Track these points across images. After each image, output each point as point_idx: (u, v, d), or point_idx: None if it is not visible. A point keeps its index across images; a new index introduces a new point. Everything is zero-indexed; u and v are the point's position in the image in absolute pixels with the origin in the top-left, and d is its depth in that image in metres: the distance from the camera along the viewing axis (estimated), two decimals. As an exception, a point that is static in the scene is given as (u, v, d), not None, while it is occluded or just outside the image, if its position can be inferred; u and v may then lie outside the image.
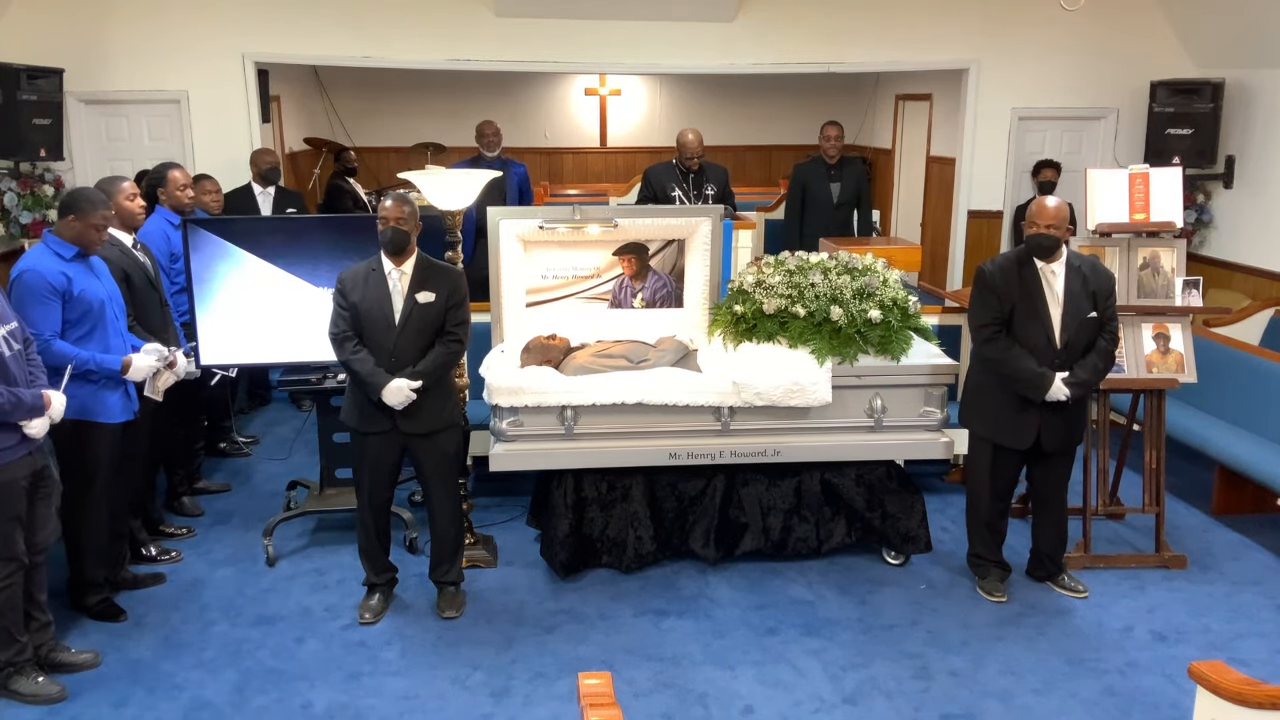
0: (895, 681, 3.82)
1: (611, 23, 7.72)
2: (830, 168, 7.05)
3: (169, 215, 5.13)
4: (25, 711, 3.56)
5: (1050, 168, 7.68)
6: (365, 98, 10.97)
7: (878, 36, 7.95)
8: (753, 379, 4.33)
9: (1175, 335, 4.74)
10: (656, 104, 12.05)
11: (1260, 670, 3.85)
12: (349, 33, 7.51)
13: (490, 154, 7.18)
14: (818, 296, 4.44)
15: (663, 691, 3.74)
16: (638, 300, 4.97)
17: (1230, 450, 5.14)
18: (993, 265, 4.24)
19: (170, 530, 4.97)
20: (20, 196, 6.81)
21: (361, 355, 3.98)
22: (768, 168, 12.11)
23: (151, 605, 4.30)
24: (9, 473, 3.43)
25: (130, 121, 7.51)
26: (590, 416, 4.38)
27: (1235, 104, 7.39)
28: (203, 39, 7.34)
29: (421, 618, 4.24)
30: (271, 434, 6.42)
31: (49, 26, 7.09)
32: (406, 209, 3.96)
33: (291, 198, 6.92)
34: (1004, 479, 4.39)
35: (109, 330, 3.97)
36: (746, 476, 4.63)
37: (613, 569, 4.61)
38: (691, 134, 6.34)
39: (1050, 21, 7.79)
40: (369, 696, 3.70)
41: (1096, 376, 4.22)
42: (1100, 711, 3.65)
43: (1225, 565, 4.76)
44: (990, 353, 4.18)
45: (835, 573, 4.64)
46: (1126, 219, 4.77)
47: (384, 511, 4.25)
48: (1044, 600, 4.43)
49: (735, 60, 7.92)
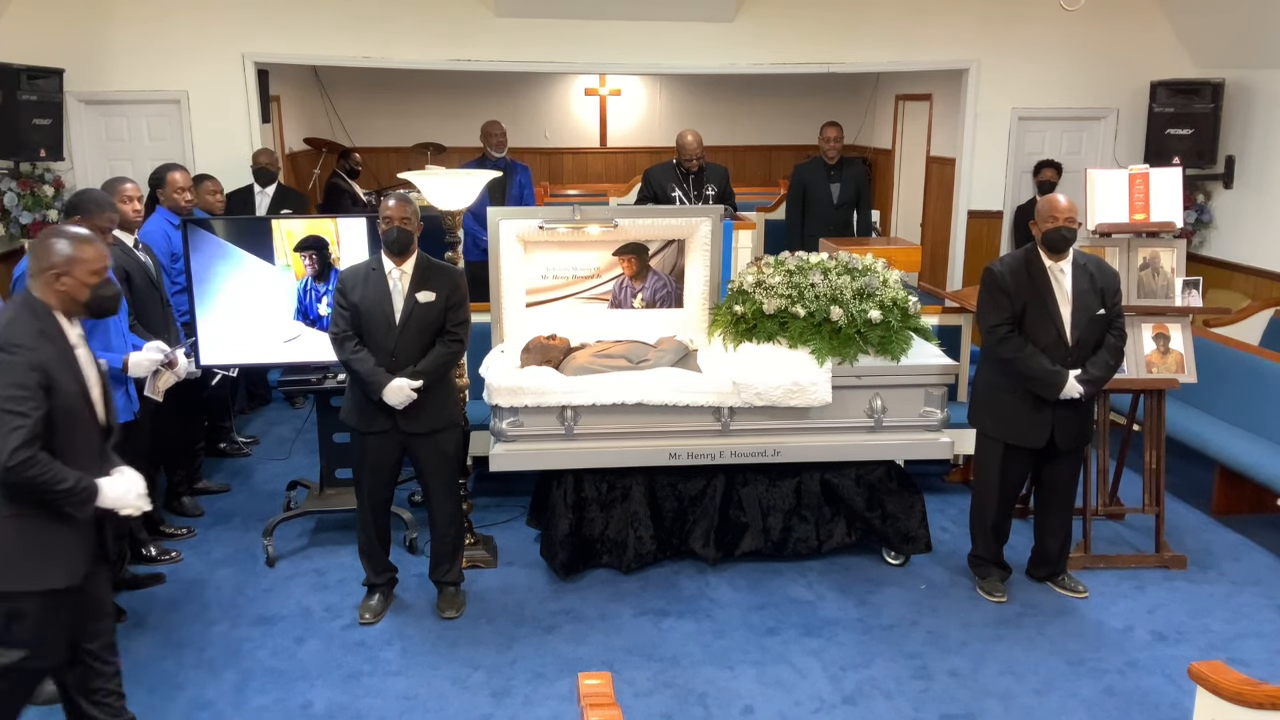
0: (895, 681, 3.82)
1: (611, 23, 7.72)
2: (830, 168, 7.05)
3: (170, 215, 5.14)
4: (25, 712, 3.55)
5: (1051, 168, 7.68)
6: (365, 98, 10.96)
7: (878, 36, 7.95)
8: (753, 379, 4.33)
9: (1175, 335, 4.75)
10: (656, 104, 12.05)
11: (1260, 670, 3.85)
12: (349, 33, 7.51)
13: (497, 154, 7.18)
14: (818, 297, 4.44)
15: (663, 691, 3.74)
16: (638, 300, 4.97)
17: (1230, 450, 5.14)
18: (1001, 265, 4.25)
19: (170, 530, 4.97)
20: (20, 196, 6.80)
21: (362, 355, 3.98)
22: (768, 168, 12.10)
23: (151, 605, 4.31)
24: None
25: (130, 121, 7.50)
26: (590, 416, 4.38)
27: (1235, 104, 7.39)
28: (203, 39, 7.34)
29: (421, 618, 4.25)
30: (271, 434, 6.42)
31: (49, 26, 7.08)
32: (410, 209, 3.96)
33: (293, 197, 6.92)
34: (1014, 479, 4.39)
35: (110, 330, 3.97)
36: (746, 476, 4.63)
37: (613, 569, 4.61)
38: (691, 135, 6.33)
39: (1050, 22, 7.79)
40: (369, 696, 3.70)
41: (1108, 373, 4.22)
42: (1100, 711, 3.65)
43: (1225, 565, 4.76)
44: (1004, 352, 4.18)
45: (835, 573, 4.64)
46: (1126, 219, 4.77)
47: (384, 511, 4.25)
48: (1044, 600, 4.43)
49: (735, 60, 7.92)
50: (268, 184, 6.80)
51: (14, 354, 2.72)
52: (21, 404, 2.70)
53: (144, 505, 3.01)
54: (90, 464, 2.90)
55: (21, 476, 2.70)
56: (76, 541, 2.90)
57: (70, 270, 2.85)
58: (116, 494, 2.92)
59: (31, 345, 2.76)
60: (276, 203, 6.75)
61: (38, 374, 2.74)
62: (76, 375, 2.87)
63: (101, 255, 2.93)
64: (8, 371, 2.71)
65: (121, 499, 2.93)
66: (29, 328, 2.78)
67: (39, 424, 2.73)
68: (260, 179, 6.78)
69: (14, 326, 2.78)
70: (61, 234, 2.90)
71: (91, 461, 2.91)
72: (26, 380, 2.72)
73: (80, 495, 2.81)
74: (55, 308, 2.87)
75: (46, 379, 2.75)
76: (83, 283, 2.87)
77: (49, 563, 2.83)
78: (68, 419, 2.82)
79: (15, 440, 2.67)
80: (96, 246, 2.93)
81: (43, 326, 2.82)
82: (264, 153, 6.92)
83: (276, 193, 6.82)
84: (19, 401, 2.70)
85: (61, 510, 2.82)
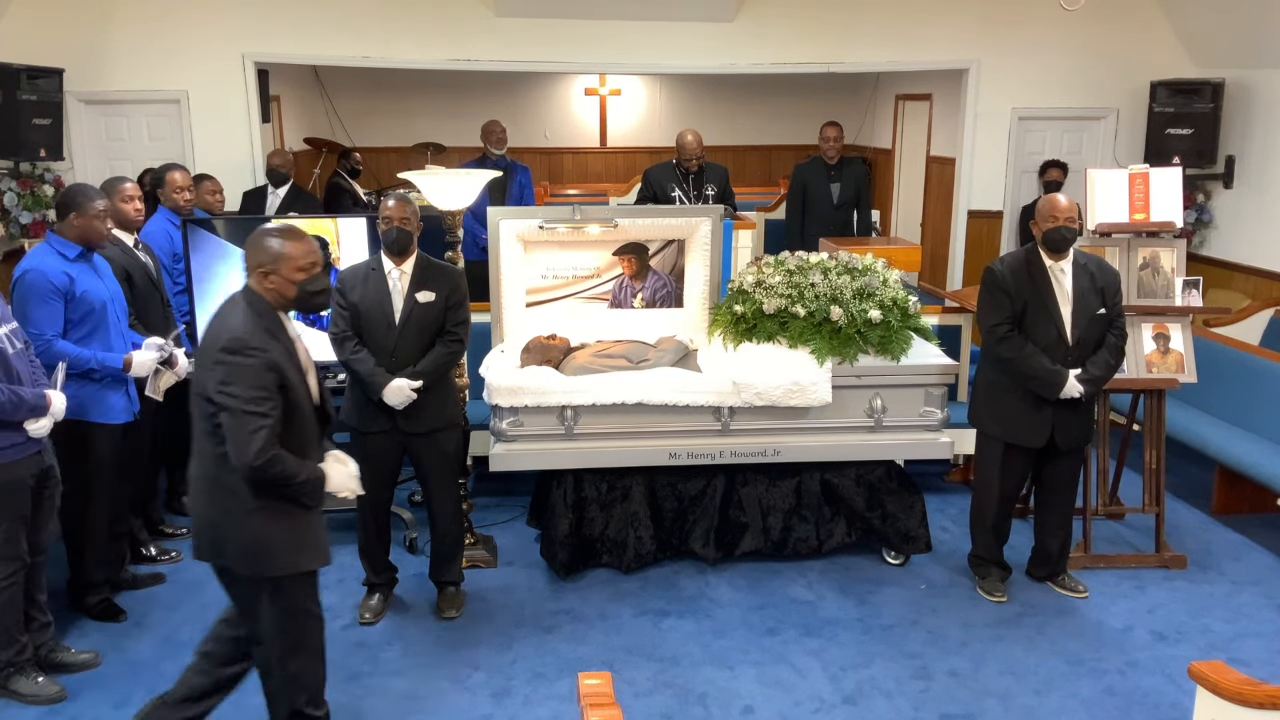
0: (895, 681, 3.82)
1: (611, 23, 7.71)
2: (830, 168, 7.05)
3: (171, 215, 5.14)
4: (25, 711, 3.56)
5: (1057, 168, 7.66)
6: (365, 98, 10.96)
7: (878, 36, 7.94)
8: (753, 379, 4.33)
9: (1175, 335, 4.75)
10: (656, 104, 12.04)
11: (1260, 670, 3.85)
12: (349, 33, 7.51)
13: (496, 151, 7.18)
14: (818, 296, 4.44)
15: (663, 691, 3.74)
16: (638, 300, 4.97)
17: (1230, 450, 5.14)
18: (1002, 265, 4.25)
19: (170, 530, 4.97)
20: (20, 196, 6.80)
21: (362, 355, 3.98)
22: (768, 168, 12.10)
23: (151, 605, 4.31)
24: (16, 471, 3.44)
25: (130, 121, 7.50)
26: (590, 416, 4.38)
27: (1235, 104, 7.39)
28: (203, 39, 7.34)
29: (421, 618, 4.25)
30: (271, 434, 6.41)
31: (49, 26, 7.08)
32: (409, 209, 3.96)
33: (304, 200, 6.93)
34: (1014, 478, 4.39)
35: (111, 331, 3.96)
36: (746, 476, 4.63)
37: (613, 569, 4.61)
38: (691, 135, 6.33)
39: (1050, 21, 7.78)
40: (369, 696, 3.70)
41: (1109, 373, 4.23)
42: (1100, 711, 3.65)
43: (1225, 565, 4.76)
44: (1005, 352, 4.18)
45: (835, 573, 4.64)
46: (1126, 219, 4.77)
47: (384, 511, 4.25)
48: (1044, 600, 4.43)
49: (735, 60, 7.92)
50: (280, 185, 6.82)
51: (252, 356, 2.81)
52: (262, 405, 2.80)
53: (359, 489, 3.12)
54: (312, 453, 3.02)
55: (266, 475, 2.82)
56: (319, 526, 3.07)
57: (277, 268, 2.92)
58: (338, 479, 3.05)
59: (264, 346, 2.85)
60: (288, 204, 6.77)
61: (273, 374, 2.84)
62: (298, 369, 2.97)
63: (308, 252, 2.97)
64: (247, 375, 2.80)
65: (342, 483, 3.06)
66: (258, 327, 2.87)
67: (278, 423, 2.84)
68: (273, 180, 6.80)
69: (245, 328, 2.86)
70: (271, 231, 2.98)
71: (313, 451, 3.03)
72: (265, 381, 2.82)
73: (313, 485, 2.95)
74: (272, 304, 2.95)
75: (280, 378, 2.87)
76: (289, 280, 2.94)
77: (301, 548, 2.99)
78: (295, 413, 2.93)
79: (259, 441, 2.77)
80: (304, 244, 2.98)
81: (267, 324, 2.91)
82: (276, 154, 6.94)
83: (288, 194, 6.83)
84: (259, 403, 2.80)
85: (298, 500, 2.94)
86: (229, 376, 2.79)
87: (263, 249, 2.93)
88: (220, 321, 2.91)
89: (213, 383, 2.82)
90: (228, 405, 2.79)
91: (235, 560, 2.97)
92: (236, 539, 2.93)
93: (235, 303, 2.96)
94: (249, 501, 2.88)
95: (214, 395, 2.82)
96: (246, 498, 2.88)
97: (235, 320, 2.88)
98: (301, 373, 2.98)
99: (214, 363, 2.82)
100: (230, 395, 2.79)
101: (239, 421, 2.78)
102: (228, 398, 2.79)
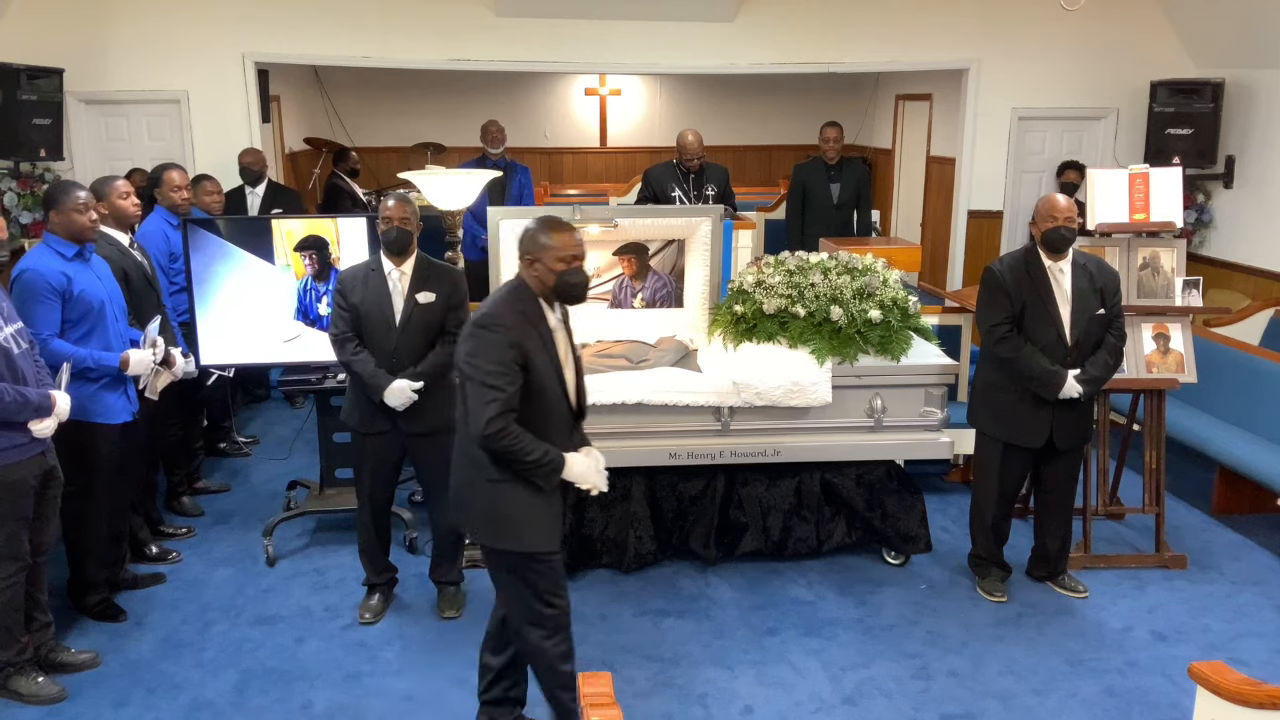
0: (895, 681, 3.82)
1: (611, 23, 7.72)
2: (830, 168, 7.04)
3: (168, 215, 5.13)
4: (25, 711, 3.56)
5: (1074, 169, 7.62)
6: (365, 98, 10.96)
7: (878, 36, 7.95)
8: (753, 379, 4.33)
9: (1175, 335, 4.75)
10: (656, 104, 12.04)
11: (1260, 670, 3.85)
12: (349, 33, 7.51)
13: (494, 150, 7.18)
14: (818, 296, 4.44)
15: (663, 691, 3.74)
16: (638, 300, 4.97)
17: (1230, 450, 5.14)
18: (1001, 265, 4.25)
19: (170, 530, 4.97)
20: (20, 196, 6.81)
21: (362, 356, 3.98)
22: (768, 168, 12.10)
23: (151, 605, 4.31)
24: (20, 472, 3.44)
25: (130, 121, 7.51)
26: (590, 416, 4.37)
27: (1235, 104, 7.39)
28: (203, 39, 7.34)
29: (421, 618, 4.25)
30: (271, 434, 6.42)
31: (49, 26, 7.08)
32: (409, 209, 3.96)
33: (284, 196, 6.90)
34: (1013, 478, 4.39)
35: (109, 331, 3.96)
36: (746, 476, 4.63)
37: (613, 569, 4.61)
38: (691, 135, 6.33)
39: (1050, 21, 7.78)
40: (369, 696, 3.70)
41: (1108, 373, 4.23)
42: (1100, 711, 3.65)
43: (1225, 565, 4.76)
44: (1003, 352, 4.18)
45: (835, 573, 4.64)
46: (1126, 219, 4.77)
47: (384, 511, 4.25)
48: (1044, 600, 4.43)
49: (735, 60, 7.92)
50: (256, 184, 6.79)
51: (496, 332, 2.96)
52: (499, 378, 2.93)
53: (603, 485, 3.21)
54: (560, 440, 3.11)
55: (496, 445, 2.94)
56: (551, 511, 3.13)
57: (540, 256, 3.03)
58: (580, 469, 3.13)
59: (511, 324, 2.98)
60: (268, 201, 6.74)
61: (515, 351, 2.96)
62: (552, 356, 3.08)
63: (571, 244, 3.05)
64: (489, 348, 2.95)
65: (584, 475, 3.14)
66: (513, 309, 3.02)
67: (514, 398, 2.96)
68: (247, 179, 6.76)
69: (500, 307, 3.03)
70: (541, 222, 3.08)
71: (561, 438, 3.13)
72: (504, 356, 2.94)
73: (548, 467, 3.03)
74: (534, 291, 3.06)
75: (523, 356, 2.98)
76: (550, 269, 3.03)
77: (530, 527, 3.08)
78: (540, 396, 3.04)
79: (492, 411, 2.91)
80: (568, 235, 3.06)
81: (525, 308, 3.04)
82: (247, 153, 6.86)
83: (267, 191, 6.80)
84: (497, 376, 2.93)
85: (532, 480, 3.03)
86: (475, 349, 2.96)
87: (529, 239, 3.06)
88: (488, 299, 3.11)
89: (463, 353, 2.99)
90: (471, 375, 2.96)
91: (473, 527, 3.17)
92: (476, 506, 3.10)
93: (505, 285, 3.14)
94: (490, 472, 3.03)
95: (462, 365, 3.00)
96: (489, 468, 3.03)
97: (497, 299, 3.06)
98: (556, 363, 3.09)
99: (467, 335, 3.01)
100: (474, 366, 2.96)
101: (477, 391, 2.94)
102: (471, 368, 2.96)
